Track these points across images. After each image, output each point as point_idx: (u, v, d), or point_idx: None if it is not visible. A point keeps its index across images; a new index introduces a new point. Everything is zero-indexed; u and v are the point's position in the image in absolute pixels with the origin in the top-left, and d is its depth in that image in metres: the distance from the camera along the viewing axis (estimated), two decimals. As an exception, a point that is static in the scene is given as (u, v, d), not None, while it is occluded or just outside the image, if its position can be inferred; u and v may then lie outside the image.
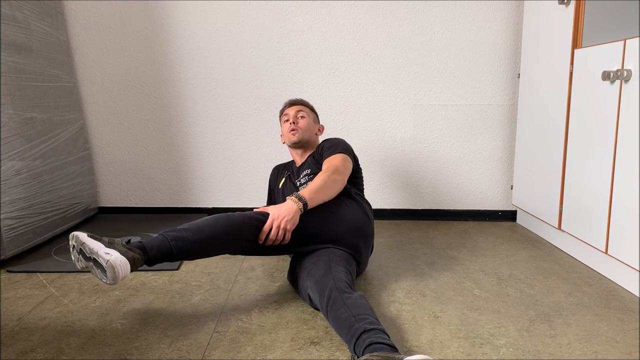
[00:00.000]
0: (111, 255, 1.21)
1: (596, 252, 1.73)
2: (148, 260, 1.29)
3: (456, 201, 2.48)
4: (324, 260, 1.40)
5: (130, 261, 1.23)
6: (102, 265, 1.21)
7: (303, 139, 1.80)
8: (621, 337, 1.26)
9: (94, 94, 2.45)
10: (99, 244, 1.27)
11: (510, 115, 2.37)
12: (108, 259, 1.20)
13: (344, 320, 1.14)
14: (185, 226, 1.34)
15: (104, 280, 1.21)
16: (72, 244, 1.33)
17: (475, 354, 1.17)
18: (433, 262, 1.84)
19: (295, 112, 1.83)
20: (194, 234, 1.32)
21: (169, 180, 2.54)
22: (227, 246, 1.37)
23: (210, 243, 1.34)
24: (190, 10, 2.34)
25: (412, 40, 2.32)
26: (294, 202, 1.43)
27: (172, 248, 1.30)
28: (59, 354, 1.19)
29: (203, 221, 1.36)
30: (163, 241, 1.31)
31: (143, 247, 1.29)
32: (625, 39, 1.48)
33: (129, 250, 1.26)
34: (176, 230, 1.33)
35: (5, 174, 1.82)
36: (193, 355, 1.18)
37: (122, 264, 1.21)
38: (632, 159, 1.47)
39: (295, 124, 1.80)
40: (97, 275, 1.24)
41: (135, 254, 1.26)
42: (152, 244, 1.30)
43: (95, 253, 1.23)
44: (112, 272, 1.19)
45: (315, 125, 1.88)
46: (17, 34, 1.91)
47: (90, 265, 1.26)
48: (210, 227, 1.34)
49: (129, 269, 1.23)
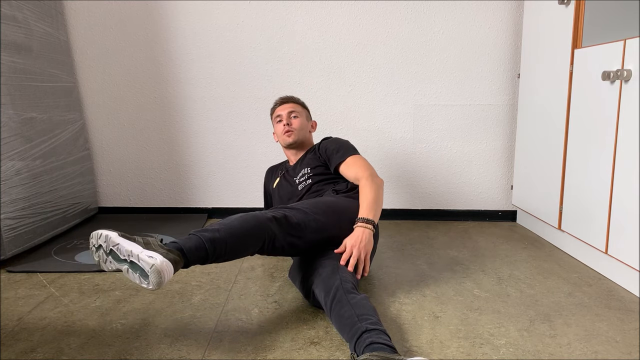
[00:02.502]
0: (155, 259, 1.11)
1: (596, 252, 1.73)
2: (186, 263, 1.21)
3: (456, 201, 2.48)
4: (332, 261, 1.40)
5: (172, 264, 1.14)
6: (142, 269, 1.11)
7: (298, 139, 1.80)
8: (621, 337, 1.26)
9: (94, 94, 2.45)
10: (136, 245, 1.16)
11: (510, 115, 2.37)
12: (153, 263, 1.09)
13: (346, 319, 1.14)
14: (216, 226, 1.28)
15: (144, 285, 1.11)
16: (99, 243, 1.22)
17: (475, 354, 1.17)
18: (433, 262, 1.84)
19: (288, 112, 1.82)
20: (227, 235, 1.26)
21: (169, 180, 2.54)
22: (255, 246, 1.33)
23: (242, 243, 1.29)
24: (190, 10, 2.34)
25: (412, 40, 2.32)
26: (363, 228, 1.44)
27: (207, 250, 1.23)
28: (59, 354, 1.19)
29: (233, 221, 1.31)
30: (199, 242, 1.22)
31: (181, 249, 1.20)
32: (625, 39, 1.48)
33: (169, 252, 1.16)
34: (209, 230, 1.26)
35: (5, 174, 1.82)
36: (193, 355, 1.18)
37: (167, 268, 1.11)
38: (632, 159, 1.47)
39: (289, 125, 1.79)
40: (135, 279, 1.13)
41: (175, 255, 1.16)
42: (189, 246, 1.21)
43: (135, 256, 1.12)
44: (157, 277, 1.09)
45: (308, 123, 1.87)
46: (17, 34, 1.91)
47: (124, 268, 1.16)
48: (241, 228, 1.29)
49: (172, 273, 1.14)
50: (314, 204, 1.50)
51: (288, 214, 1.41)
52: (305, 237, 1.42)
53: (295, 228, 1.40)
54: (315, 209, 1.47)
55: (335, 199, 1.57)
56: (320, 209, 1.48)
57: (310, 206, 1.48)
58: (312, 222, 1.43)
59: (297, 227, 1.40)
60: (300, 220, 1.41)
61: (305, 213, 1.44)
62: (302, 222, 1.42)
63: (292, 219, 1.40)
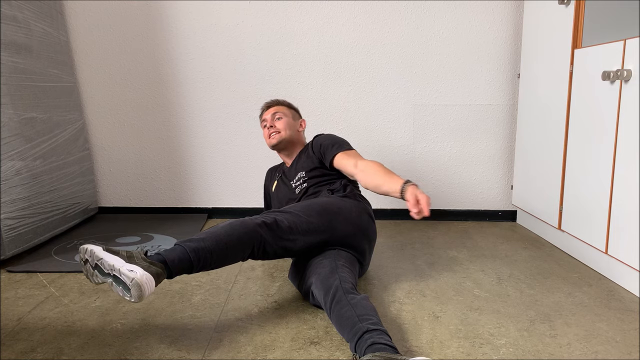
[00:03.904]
0: (135, 272, 1.13)
1: (596, 252, 1.73)
2: (170, 274, 1.22)
3: (456, 201, 2.48)
4: (330, 261, 1.40)
5: (154, 277, 1.16)
6: (124, 283, 1.13)
7: (283, 139, 1.80)
8: (621, 337, 1.26)
9: (94, 94, 2.45)
10: (118, 259, 1.18)
11: (510, 115, 2.38)
12: (133, 277, 1.11)
13: (347, 319, 1.14)
14: (202, 235, 1.29)
15: (127, 298, 1.14)
16: (85, 258, 1.25)
17: (475, 354, 1.17)
18: (433, 262, 1.84)
19: (272, 115, 1.83)
20: (213, 244, 1.27)
21: (169, 180, 2.54)
22: (244, 252, 1.33)
23: (230, 251, 1.29)
24: (190, 10, 2.34)
25: (412, 40, 2.32)
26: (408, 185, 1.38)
27: (192, 260, 1.24)
28: (59, 354, 1.19)
29: (219, 229, 1.31)
30: (183, 253, 1.24)
31: (164, 261, 1.21)
32: (625, 39, 1.48)
33: (151, 264, 1.18)
34: (194, 240, 1.27)
35: (5, 174, 1.82)
36: (193, 355, 1.18)
37: (148, 281, 1.13)
38: (632, 159, 1.47)
39: (273, 127, 1.80)
40: (119, 292, 1.16)
41: (157, 268, 1.18)
42: (172, 257, 1.23)
43: (117, 270, 1.15)
44: (137, 290, 1.11)
45: (295, 122, 1.87)
46: (17, 34, 1.91)
47: (109, 282, 1.18)
48: (227, 236, 1.30)
49: (154, 285, 1.15)
50: (307, 205, 1.50)
51: (279, 218, 1.41)
52: (298, 240, 1.42)
53: (286, 232, 1.39)
54: (309, 211, 1.47)
55: (329, 200, 1.57)
56: (314, 210, 1.48)
57: (303, 208, 1.48)
58: (304, 225, 1.43)
59: (288, 231, 1.40)
60: (291, 224, 1.41)
61: (297, 216, 1.44)
62: (293, 225, 1.41)
63: (283, 222, 1.40)
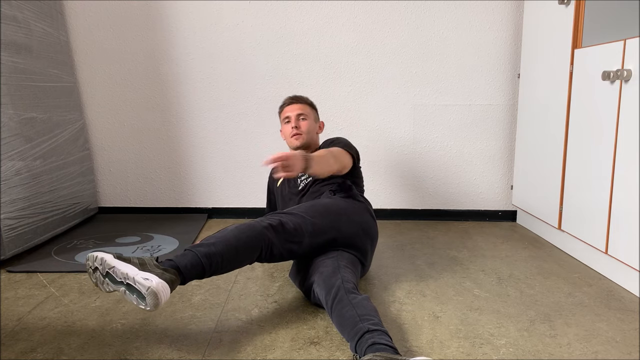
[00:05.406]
0: (151, 281, 1.10)
1: (596, 252, 1.73)
2: (183, 280, 1.21)
3: (456, 201, 2.48)
4: (333, 260, 1.40)
5: (169, 284, 1.13)
6: (138, 291, 1.11)
7: (305, 142, 1.79)
8: (621, 337, 1.26)
9: (94, 94, 2.45)
10: (131, 266, 1.16)
11: (510, 115, 2.37)
12: (149, 285, 1.09)
13: (348, 319, 1.15)
14: (212, 240, 1.28)
15: (142, 306, 1.11)
16: (95, 265, 1.22)
17: (475, 354, 1.17)
18: (433, 262, 1.84)
19: (297, 114, 1.79)
20: (223, 248, 1.26)
21: (169, 180, 2.54)
22: (253, 255, 1.33)
23: (240, 255, 1.29)
24: (191, 10, 2.34)
25: (412, 40, 2.32)
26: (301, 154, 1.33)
27: (204, 265, 1.23)
28: (59, 354, 1.19)
29: (228, 233, 1.31)
30: (195, 258, 1.22)
31: (177, 267, 1.20)
32: (625, 39, 1.48)
33: (164, 271, 1.15)
34: (204, 245, 1.26)
35: (5, 174, 1.81)
36: (193, 355, 1.18)
37: (164, 289, 1.11)
38: (632, 159, 1.47)
39: (297, 128, 1.77)
40: (133, 300, 1.13)
41: (171, 274, 1.16)
42: (184, 263, 1.21)
43: (131, 279, 1.12)
44: (154, 299, 1.09)
45: (316, 124, 1.86)
46: (17, 34, 1.91)
47: (121, 290, 1.16)
48: (236, 239, 1.29)
49: (169, 292, 1.13)
50: (311, 206, 1.50)
51: (284, 219, 1.41)
52: (303, 242, 1.42)
53: (292, 234, 1.39)
54: (313, 212, 1.47)
55: (332, 201, 1.57)
56: (317, 211, 1.48)
57: (307, 210, 1.47)
58: (309, 226, 1.43)
59: (294, 233, 1.40)
60: (297, 225, 1.41)
61: (302, 217, 1.44)
62: (298, 226, 1.41)
63: (289, 224, 1.40)
